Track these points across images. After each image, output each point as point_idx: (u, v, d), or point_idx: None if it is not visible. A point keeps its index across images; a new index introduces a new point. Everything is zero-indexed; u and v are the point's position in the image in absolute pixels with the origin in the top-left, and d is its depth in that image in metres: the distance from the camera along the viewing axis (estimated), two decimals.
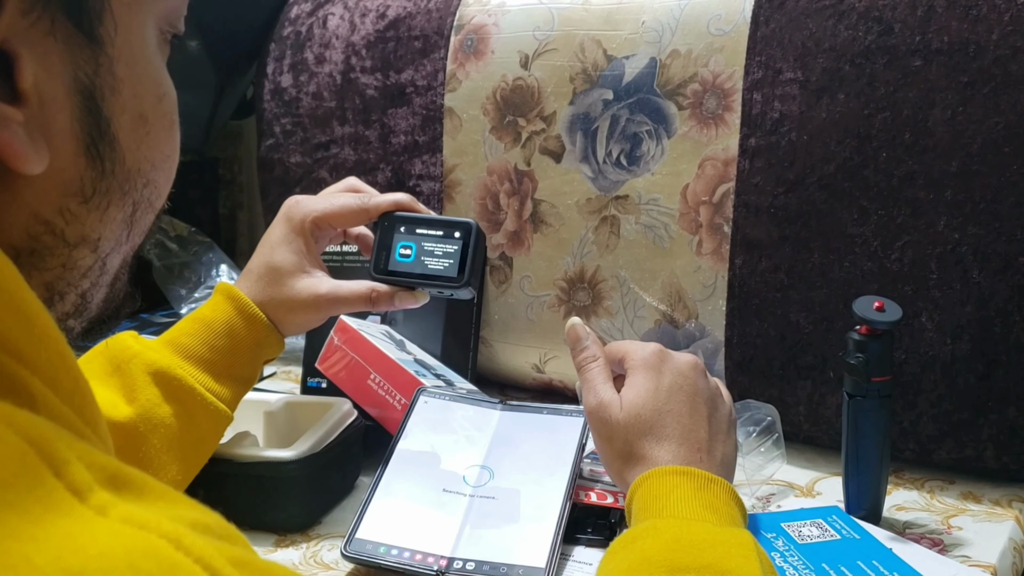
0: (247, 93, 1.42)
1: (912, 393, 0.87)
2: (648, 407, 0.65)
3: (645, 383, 0.66)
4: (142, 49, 0.40)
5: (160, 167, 0.43)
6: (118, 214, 0.41)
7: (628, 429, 0.65)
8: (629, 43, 0.99)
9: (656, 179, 0.98)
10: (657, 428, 0.64)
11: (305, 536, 0.79)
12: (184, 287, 1.30)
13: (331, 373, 0.91)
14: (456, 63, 1.10)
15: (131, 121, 0.39)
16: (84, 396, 0.35)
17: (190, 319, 0.77)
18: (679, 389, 0.66)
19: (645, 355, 0.68)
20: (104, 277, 0.42)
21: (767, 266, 0.92)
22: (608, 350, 0.71)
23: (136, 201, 0.42)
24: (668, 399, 0.65)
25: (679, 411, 0.65)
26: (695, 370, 0.68)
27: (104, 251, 0.41)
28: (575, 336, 0.72)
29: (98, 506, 0.26)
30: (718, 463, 0.64)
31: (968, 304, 0.84)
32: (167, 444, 0.72)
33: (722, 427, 0.67)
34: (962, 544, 0.77)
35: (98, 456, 0.28)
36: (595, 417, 0.67)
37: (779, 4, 0.91)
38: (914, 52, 0.84)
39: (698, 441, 0.64)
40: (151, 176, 0.42)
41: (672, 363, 0.68)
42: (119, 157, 0.39)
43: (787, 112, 0.90)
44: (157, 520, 0.26)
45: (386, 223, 0.80)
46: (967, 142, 0.83)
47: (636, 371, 0.67)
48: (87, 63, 0.36)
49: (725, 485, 0.61)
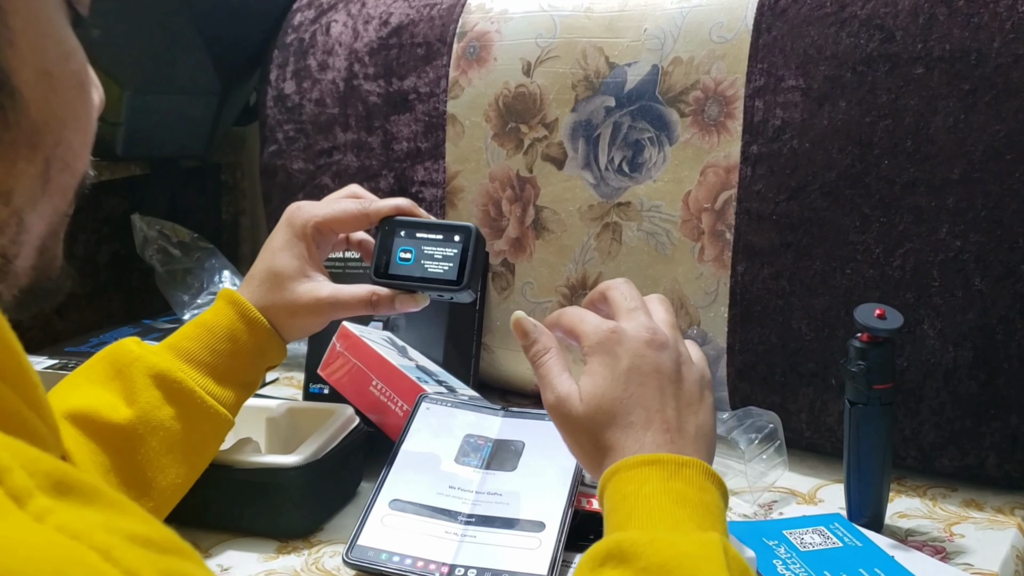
0: (250, 99, 1.42)
1: (914, 400, 0.87)
2: (608, 395, 0.61)
3: (602, 370, 0.62)
4: (41, 5, 0.41)
5: (73, 126, 0.44)
6: (29, 168, 0.41)
7: (591, 421, 0.61)
8: (631, 50, 0.99)
9: (658, 186, 0.98)
10: (621, 416, 0.60)
11: (307, 543, 0.79)
12: (186, 293, 1.31)
13: (333, 379, 0.92)
14: (459, 70, 1.10)
15: (34, 76, 0.40)
16: (27, 379, 0.35)
17: (192, 324, 0.77)
18: (637, 370, 0.61)
19: (600, 337, 0.63)
20: (24, 236, 0.43)
21: (769, 273, 0.92)
22: (562, 323, 0.66)
23: (48, 158, 0.42)
24: (627, 383, 0.61)
25: (641, 394, 0.60)
26: (651, 345, 0.62)
27: (18, 206, 0.42)
28: (522, 330, 0.67)
29: (36, 512, 0.26)
30: (692, 438, 0.60)
31: (970, 311, 0.84)
32: (167, 447, 0.72)
33: (692, 397, 0.62)
34: (964, 552, 0.77)
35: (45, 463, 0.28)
36: (556, 414, 0.63)
37: (781, 11, 0.92)
38: (916, 60, 0.85)
39: (666, 421, 0.60)
40: (63, 134, 0.43)
41: (628, 343, 0.62)
42: (23, 109, 0.40)
43: (789, 119, 0.90)
44: (91, 530, 0.27)
45: (386, 227, 0.81)
46: (969, 149, 0.83)
47: (592, 356, 0.63)
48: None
49: (698, 465, 0.58)
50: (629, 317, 0.64)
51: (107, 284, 1.41)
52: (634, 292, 0.66)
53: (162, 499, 0.72)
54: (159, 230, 1.34)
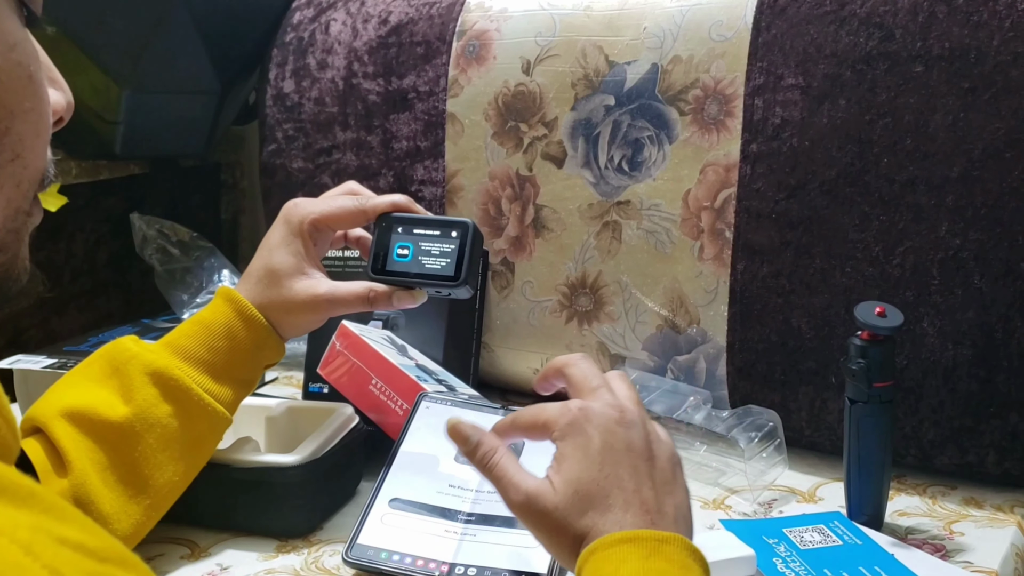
0: (249, 98, 1.42)
1: (914, 399, 0.87)
2: (585, 478, 0.57)
3: (575, 452, 0.58)
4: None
5: (21, 118, 0.44)
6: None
7: (568, 510, 0.56)
8: (631, 49, 0.99)
9: (658, 184, 0.98)
10: (598, 499, 0.56)
11: (306, 542, 0.79)
12: (186, 292, 1.30)
13: (333, 378, 0.91)
14: (458, 68, 1.10)
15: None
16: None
17: (190, 322, 0.77)
18: (611, 449, 0.58)
19: (570, 418, 0.59)
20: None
21: (769, 271, 0.92)
22: (519, 423, 0.63)
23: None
24: (602, 463, 0.57)
25: (617, 475, 0.57)
26: (621, 423, 0.59)
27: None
28: (462, 436, 0.62)
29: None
30: (672, 519, 0.57)
31: (970, 310, 0.84)
32: (164, 444, 0.72)
33: (666, 476, 0.59)
34: (964, 550, 0.77)
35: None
36: (527, 512, 0.58)
37: (780, 10, 0.91)
38: (915, 58, 0.84)
39: (644, 503, 0.56)
40: (10, 124, 0.43)
41: (597, 420, 0.59)
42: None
43: (788, 118, 0.90)
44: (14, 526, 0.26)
45: (383, 224, 0.81)
46: (968, 148, 0.83)
47: (563, 440, 0.59)
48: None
49: (679, 541, 0.54)
50: (594, 395, 0.61)
51: (106, 283, 1.41)
52: (595, 369, 0.63)
53: (159, 496, 0.72)
54: (158, 229, 1.34)
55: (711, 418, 0.92)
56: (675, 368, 0.99)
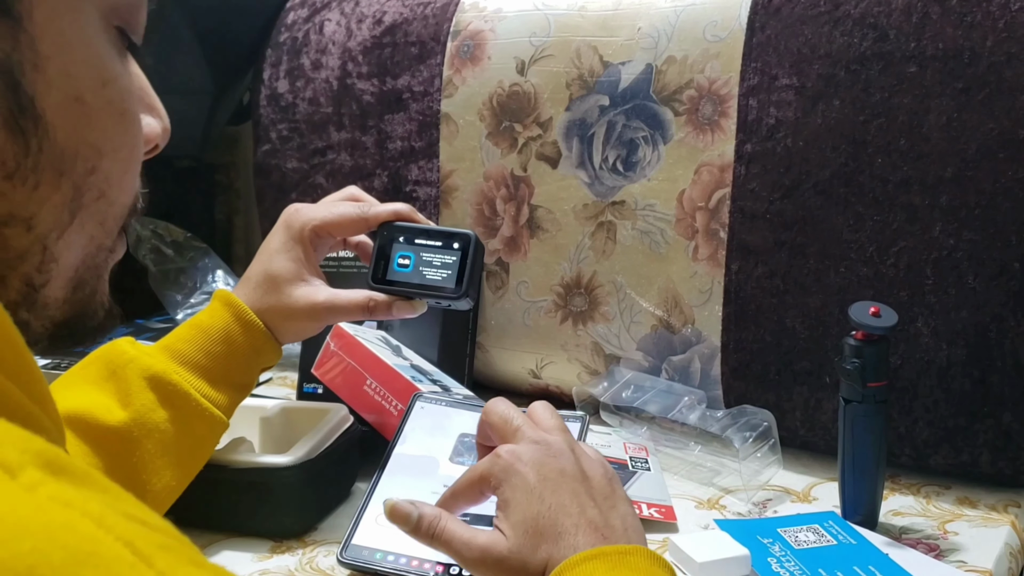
0: (243, 99, 1.42)
1: (908, 398, 0.87)
2: (531, 514, 0.58)
3: (515, 493, 0.59)
4: (76, 31, 0.39)
5: (111, 156, 0.42)
6: (53, 195, 0.40)
7: (523, 550, 0.57)
8: (625, 49, 0.99)
9: (652, 185, 0.98)
10: (548, 529, 0.57)
11: (301, 542, 0.79)
12: (180, 293, 1.30)
13: (327, 379, 0.91)
14: (453, 69, 1.10)
15: (62, 101, 0.39)
16: (31, 374, 0.34)
17: (187, 325, 0.77)
18: (546, 480, 0.59)
19: (502, 465, 0.60)
20: (52, 265, 0.41)
21: (763, 272, 0.92)
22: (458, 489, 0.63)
23: (78, 186, 0.41)
24: (542, 496, 0.58)
25: (559, 502, 0.58)
26: (549, 454, 0.61)
27: (41, 232, 0.40)
28: (402, 515, 0.62)
29: (27, 483, 0.26)
30: (621, 531, 0.58)
31: (963, 309, 0.84)
32: (161, 449, 0.72)
33: (605, 491, 0.60)
34: (958, 549, 0.77)
35: (36, 443, 0.28)
36: (486, 564, 0.58)
37: (775, 10, 0.92)
38: (909, 58, 0.85)
39: (591, 522, 0.57)
40: (97, 163, 0.41)
41: (526, 457, 0.60)
42: (47, 135, 0.39)
43: (783, 118, 0.90)
44: (84, 500, 0.26)
45: (385, 232, 0.80)
46: (962, 148, 0.83)
47: (501, 488, 0.60)
48: (3, 38, 0.36)
49: (642, 552, 0.55)
50: (516, 436, 0.62)
51: None
52: (510, 410, 0.65)
53: (156, 502, 0.72)
54: (152, 230, 1.33)
55: (706, 418, 0.92)
56: (670, 368, 1.00)
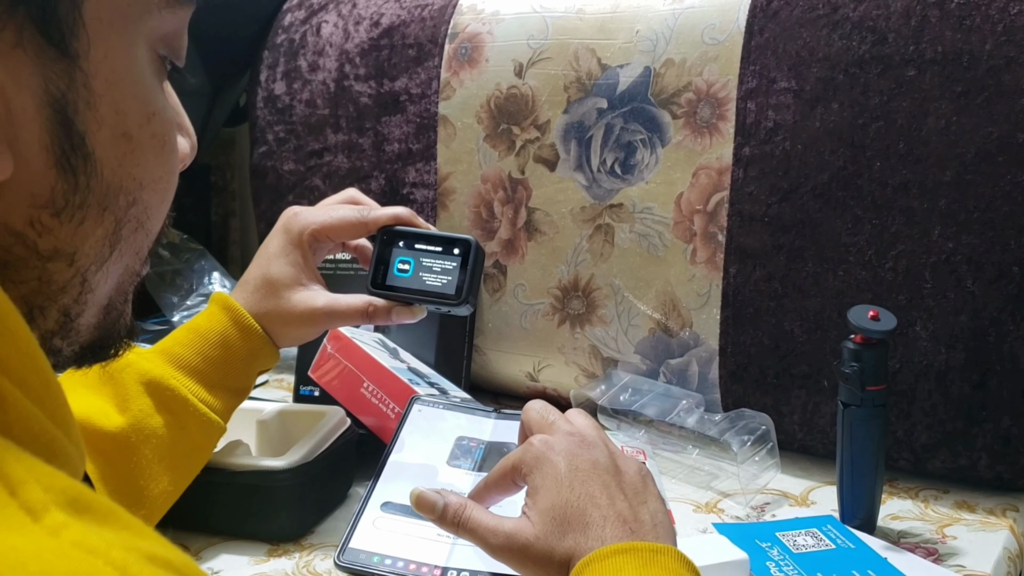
0: (240, 100, 1.41)
1: (906, 402, 0.87)
2: (559, 503, 0.58)
3: (545, 481, 0.59)
4: (127, 67, 0.39)
5: (151, 187, 0.41)
6: (96, 229, 0.39)
7: (549, 537, 0.57)
8: (623, 52, 0.99)
9: (650, 188, 0.98)
10: (576, 519, 0.57)
11: (298, 546, 0.79)
12: (176, 294, 1.30)
13: (324, 382, 0.91)
14: (450, 71, 1.10)
15: (111, 137, 0.38)
16: (55, 398, 0.34)
17: (184, 329, 0.76)
18: (578, 470, 0.59)
19: (534, 453, 0.61)
20: (89, 296, 0.41)
21: (761, 275, 0.92)
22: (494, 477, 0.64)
23: (120, 219, 0.40)
24: (572, 484, 0.58)
25: (589, 492, 0.58)
26: (582, 445, 0.61)
27: (82, 266, 0.40)
28: (428, 503, 0.62)
29: (51, 527, 0.26)
30: (650, 527, 0.58)
31: (962, 313, 0.84)
32: (159, 455, 0.71)
33: (637, 487, 0.60)
34: (957, 553, 0.77)
35: (60, 479, 0.28)
36: (511, 553, 0.58)
37: (773, 13, 0.91)
38: (908, 62, 0.85)
39: (620, 515, 0.57)
40: (138, 195, 0.41)
41: (559, 447, 0.61)
42: (95, 172, 0.38)
43: (781, 121, 0.90)
44: (108, 547, 0.26)
45: (385, 237, 0.80)
46: (961, 151, 0.83)
47: (531, 475, 0.60)
48: (59, 76, 0.36)
49: (673, 553, 0.55)
50: (551, 428, 0.63)
51: None
52: (547, 408, 0.65)
53: (154, 507, 0.72)
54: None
55: (704, 422, 0.91)
56: (667, 371, 0.99)
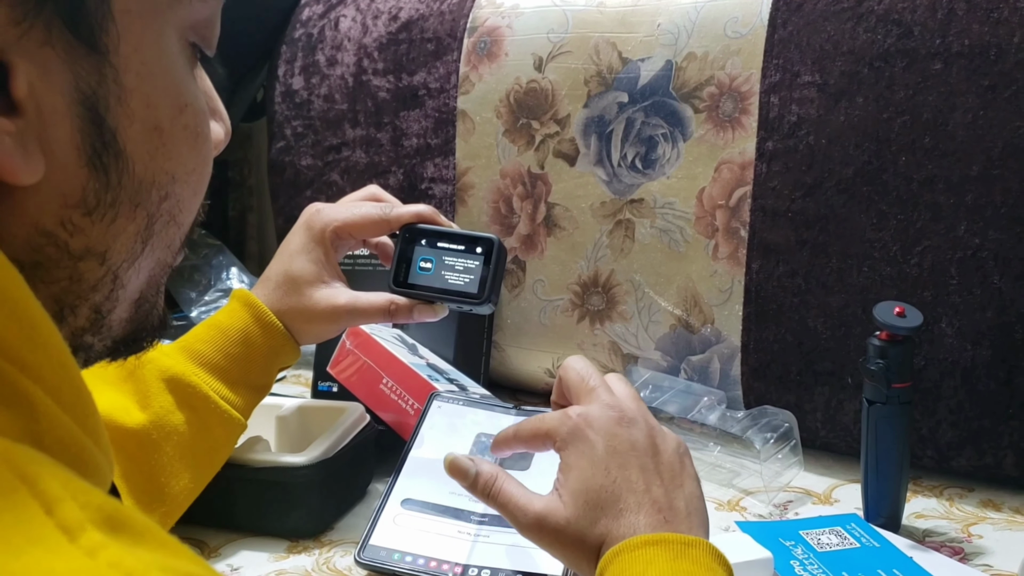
0: (258, 95, 1.41)
1: (931, 400, 0.86)
2: (593, 487, 0.56)
3: (580, 460, 0.58)
4: (157, 59, 0.38)
5: (183, 180, 0.40)
6: (128, 226, 0.39)
7: (581, 521, 0.56)
8: (644, 45, 0.98)
9: (672, 182, 0.97)
10: (610, 505, 0.56)
11: (318, 542, 0.79)
12: (194, 290, 1.30)
13: (343, 377, 0.91)
14: (469, 65, 1.09)
15: (142, 132, 0.38)
16: (86, 407, 0.34)
17: (206, 325, 0.76)
18: (615, 452, 0.57)
19: (570, 427, 0.59)
20: (120, 292, 0.40)
21: (784, 271, 0.91)
22: (521, 434, 0.63)
23: (152, 214, 0.39)
24: (608, 468, 0.57)
25: (624, 477, 0.56)
26: (621, 423, 0.59)
27: (114, 264, 0.39)
28: (460, 470, 0.61)
29: (88, 547, 0.25)
30: (684, 515, 0.56)
31: (989, 309, 0.83)
32: (180, 451, 0.71)
33: (674, 469, 0.58)
34: (983, 552, 0.76)
35: (96, 496, 0.27)
36: (541, 533, 0.57)
37: (797, 6, 0.90)
38: (934, 55, 0.83)
39: (655, 502, 0.56)
40: (171, 189, 0.40)
41: (598, 424, 0.59)
42: (127, 168, 0.37)
43: (805, 115, 0.89)
44: (145, 568, 0.25)
45: (407, 235, 0.79)
46: (988, 146, 0.82)
47: (566, 450, 0.59)
48: (89, 73, 0.35)
49: (704, 546, 0.54)
50: (590, 397, 0.61)
51: None
52: (590, 369, 0.63)
53: (174, 504, 0.71)
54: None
55: (725, 419, 0.91)
56: (689, 368, 0.99)
